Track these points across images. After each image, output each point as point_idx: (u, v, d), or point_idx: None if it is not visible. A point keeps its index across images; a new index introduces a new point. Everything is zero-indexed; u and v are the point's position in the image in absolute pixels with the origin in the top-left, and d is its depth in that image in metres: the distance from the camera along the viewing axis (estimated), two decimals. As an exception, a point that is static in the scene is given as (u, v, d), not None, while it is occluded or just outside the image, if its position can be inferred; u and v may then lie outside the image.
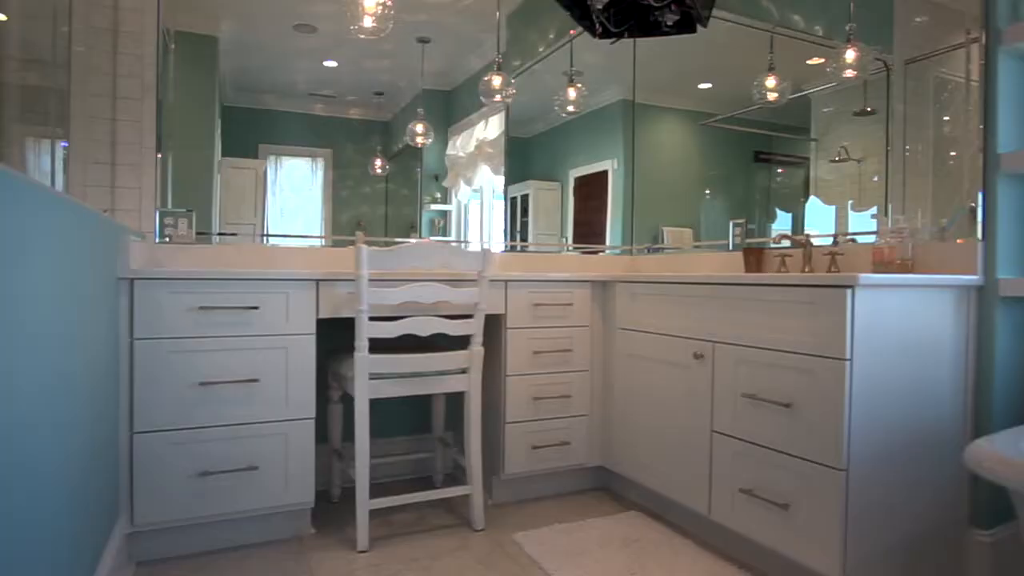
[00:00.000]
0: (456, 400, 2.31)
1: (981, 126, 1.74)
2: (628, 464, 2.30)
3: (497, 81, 2.64)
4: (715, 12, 2.48)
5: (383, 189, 2.77)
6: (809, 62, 2.37)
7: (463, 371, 2.09)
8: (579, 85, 2.94)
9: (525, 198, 3.08)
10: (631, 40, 3.00)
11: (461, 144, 2.93)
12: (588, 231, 3.17)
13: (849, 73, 2.11)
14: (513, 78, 2.77)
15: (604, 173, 3.16)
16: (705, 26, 2.47)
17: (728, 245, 2.57)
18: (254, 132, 2.55)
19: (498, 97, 2.66)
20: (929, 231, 1.88)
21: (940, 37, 1.89)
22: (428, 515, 2.24)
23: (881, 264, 1.84)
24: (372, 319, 1.92)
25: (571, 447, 2.39)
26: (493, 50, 2.82)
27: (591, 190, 3.18)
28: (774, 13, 2.47)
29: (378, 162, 2.76)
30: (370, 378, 1.95)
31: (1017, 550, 1.73)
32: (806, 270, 2.10)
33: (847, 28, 2.11)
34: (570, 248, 3.13)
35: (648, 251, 3.03)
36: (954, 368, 1.73)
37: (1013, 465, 1.23)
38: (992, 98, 1.72)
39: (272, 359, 1.91)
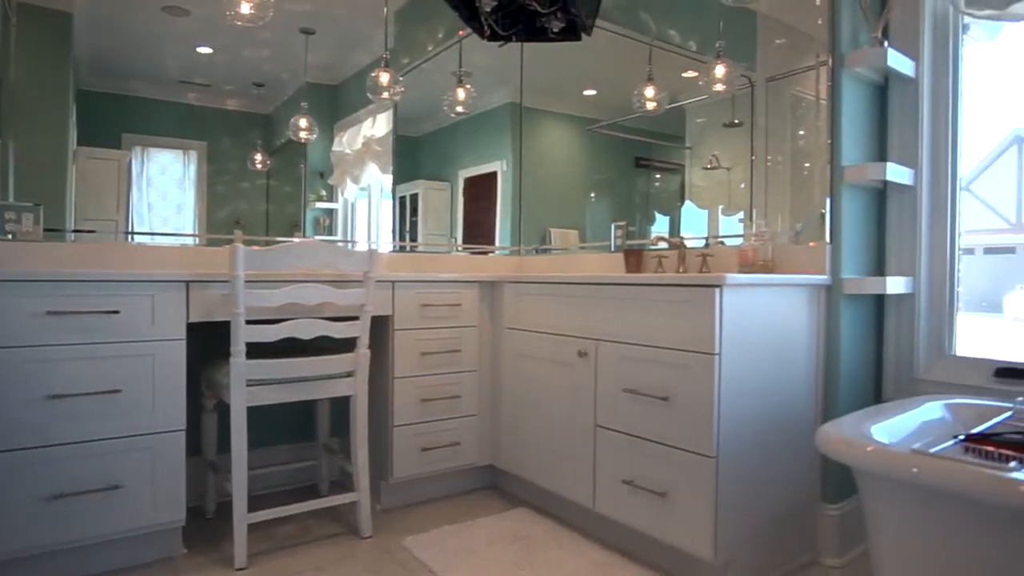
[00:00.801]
0: (342, 405, 2.24)
1: (829, 141, 1.93)
2: (516, 462, 2.33)
3: (385, 78, 2.59)
4: (598, 22, 2.58)
5: (264, 185, 2.63)
6: (684, 75, 2.51)
7: (348, 374, 2.03)
8: (468, 86, 2.95)
9: (414, 197, 3.04)
10: (519, 44, 3.04)
11: (348, 141, 2.85)
12: (477, 231, 3.19)
13: (719, 87, 2.26)
14: (401, 76, 2.73)
15: (493, 174, 3.19)
16: (589, 35, 2.56)
17: (610, 246, 2.68)
18: (116, 120, 2.33)
19: (386, 94, 2.61)
20: (787, 235, 2.05)
21: (796, 59, 2.07)
22: (313, 525, 2.15)
23: (746, 265, 1.99)
24: (250, 322, 1.82)
25: (461, 447, 2.39)
26: (381, 46, 2.77)
27: (480, 191, 3.19)
28: (652, 27, 2.60)
29: (258, 157, 2.62)
30: (248, 384, 1.85)
31: (859, 521, 1.92)
32: (680, 270, 2.24)
33: (717, 45, 2.26)
34: (459, 248, 3.13)
35: (536, 252, 3.10)
36: (807, 360, 1.90)
37: (854, 446, 1.37)
38: (837, 116, 1.90)
39: (136, 367, 1.76)
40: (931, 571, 1.23)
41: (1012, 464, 1.24)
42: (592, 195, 2.96)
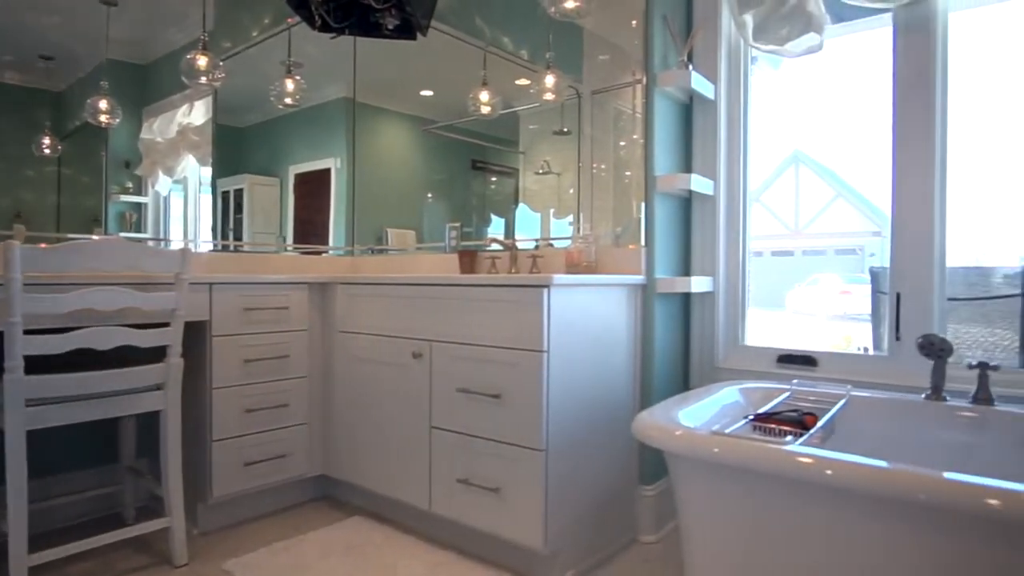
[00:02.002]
0: (151, 421, 2.02)
1: (643, 152, 2.09)
2: (351, 469, 2.26)
3: (203, 61, 2.37)
4: (435, 24, 2.58)
5: (54, 173, 2.29)
6: (517, 82, 2.59)
7: (157, 387, 1.83)
8: (298, 77, 2.80)
9: (239, 193, 2.83)
10: (353, 38, 2.95)
11: (159, 128, 2.57)
12: (310, 231, 3.04)
13: (549, 96, 2.36)
14: (222, 60, 2.52)
15: (327, 171, 3.07)
16: (424, 35, 2.54)
17: (445, 247, 2.69)
18: None
19: (204, 79, 2.39)
20: (609, 238, 2.20)
21: (617, 74, 2.22)
22: (116, 559, 1.91)
23: (572, 266, 2.10)
24: (32, 332, 1.57)
25: (290, 459, 2.26)
26: (198, 25, 2.53)
27: (313, 188, 3.05)
28: (487, 33, 2.65)
29: (46, 141, 2.27)
30: (28, 404, 1.60)
31: (670, 499, 2.11)
32: (512, 271, 2.31)
33: (547, 56, 2.36)
34: (290, 248, 2.97)
35: (372, 252, 3.02)
36: (626, 353, 2.05)
37: (664, 430, 1.49)
38: (650, 130, 2.08)
39: None
40: (730, 535, 1.37)
41: (788, 438, 1.42)
42: (429, 196, 2.95)
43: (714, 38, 2.18)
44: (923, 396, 1.69)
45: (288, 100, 2.80)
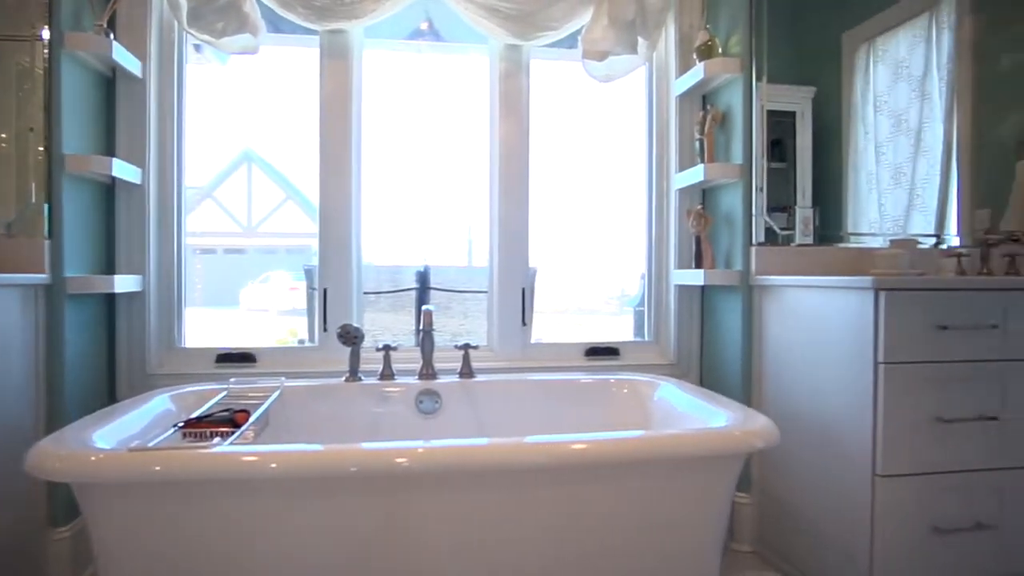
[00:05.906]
0: None
1: (46, 125, 1.73)
2: None
3: None
4: None
5: None
6: None
7: None
8: None
9: None
10: None
11: None
12: None
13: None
14: None
15: None
16: None
17: None
18: None
19: None
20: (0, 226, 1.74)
21: (16, 22, 1.77)
22: None
23: (-69, 262, 1.58)
24: None
25: None
26: None
27: None
28: None
29: None
30: None
31: (87, 540, 1.84)
32: None
33: None
34: None
35: None
36: (27, 371, 1.66)
37: (67, 459, 1.27)
38: (56, 98, 1.73)
39: None
40: (159, 560, 1.26)
41: (216, 440, 1.39)
42: None
43: (143, 11, 1.98)
44: (343, 379, 1.93)
45: None
